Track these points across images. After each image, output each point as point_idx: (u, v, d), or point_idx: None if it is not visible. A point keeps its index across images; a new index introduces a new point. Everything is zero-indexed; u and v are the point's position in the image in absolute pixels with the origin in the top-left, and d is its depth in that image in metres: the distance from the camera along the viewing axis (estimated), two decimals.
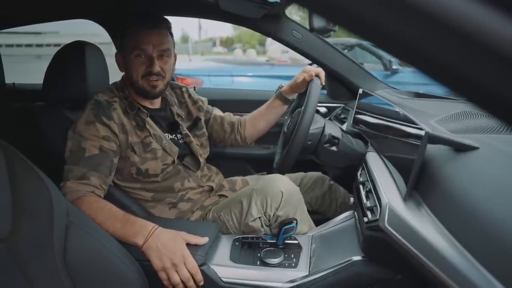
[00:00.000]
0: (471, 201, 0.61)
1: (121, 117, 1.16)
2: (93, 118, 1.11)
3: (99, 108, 1.13)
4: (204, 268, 0.96)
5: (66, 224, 0.82)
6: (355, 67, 1.61)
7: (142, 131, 1.19)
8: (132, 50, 1.15)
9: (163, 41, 1.16)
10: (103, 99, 1.16)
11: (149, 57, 1.15)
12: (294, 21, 1.49)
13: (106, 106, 1.15)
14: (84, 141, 1.09)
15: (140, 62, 1.16)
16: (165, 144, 1.22)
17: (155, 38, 1.14)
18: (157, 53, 1.15)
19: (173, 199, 1.23)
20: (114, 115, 1.14)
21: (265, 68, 4.56)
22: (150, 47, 1.14)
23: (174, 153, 1.23)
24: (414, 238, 0.67)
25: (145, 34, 1.14)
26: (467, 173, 0.68)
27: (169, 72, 1.21)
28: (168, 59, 1.19)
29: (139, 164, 1.17)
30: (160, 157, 1.20)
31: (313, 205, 1.46)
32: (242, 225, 1.15)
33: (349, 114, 1.56)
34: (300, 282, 0.94)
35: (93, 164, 1.07)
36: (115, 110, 1.15)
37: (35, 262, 0.77)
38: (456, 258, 0.57)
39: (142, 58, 1.15)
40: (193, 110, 1.39)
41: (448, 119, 1.02)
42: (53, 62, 1.24)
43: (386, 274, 0.88)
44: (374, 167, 1.01)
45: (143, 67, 1.16)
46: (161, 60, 1.17)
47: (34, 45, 18.95)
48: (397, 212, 0.75)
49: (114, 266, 0.88)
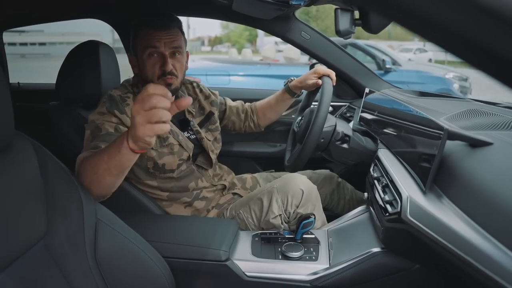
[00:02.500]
0: (493, 190, 0.65)
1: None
2: (106, 110, 1.11)
3: (112, 102, 1.13)
4: (228, 263, 1.00)
5: (95, 222, 0.85)
6: (360, 67, 1.66)
7: None
8: (144, 50, 1.15)
9: (175, 39, 1.16)
10: (117, 94, 1.17)
11: (161, 55, 1.15)
12: (303, 22, 1.52)
13: (119, 100, 1.15)
14: (100, 123, 1.07)
15: (153, 61, 1.16)
16: (181, 140, 1.24)
17: (166, 37, 1.15)
18: (169, 50, 1.16)
19: (188, 198, 1.26)
20: (127, 109, 1.14)
21: (261, 68, 4.59)
22: (162, 45, 1.14)
23: (190, 149, 1.25)
24: (439, 227, 0.72)
25: (156, 33, 1.14)
26: (486, 166, 0.73)
27: (182, 70, 1.22)
28: (180, 57, 1.20)
29: (156, 158, 1.18)
30: (177, 152, 1.21)
31: (322, 202, 1.50)
32: (262, 222, 1.19)
33: (355, 113, 1.60)
34: (322, 274, 0.98)
35: (107, 139, 1.01)
36: (128, 105, 1.15)
37: (70, 260, 0.79)
38: (483, 243, 0.62)
39: (155, 57, 1.16)
40: (206, 104, 1.40)
41: (457, 117, 1.07)
42: (67, 62, 1.25)
43: (404, 264, 0.93)
44: (388, 163, 1.05)
45: (157, 66, 1.16)
46: (173, 58, 1.17)
47: (17, 43, 18.54)
48: (419, 204, 0.79)
49: (142, 262, 0.90)
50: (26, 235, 0.71)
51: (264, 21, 1.46)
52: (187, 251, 1.01)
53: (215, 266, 1.00)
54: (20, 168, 0.74)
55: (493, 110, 1.07)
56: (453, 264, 0.69)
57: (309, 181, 1.22)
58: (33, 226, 0.73)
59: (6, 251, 0.66)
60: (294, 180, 1.20)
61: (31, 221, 0.73)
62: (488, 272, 0.59)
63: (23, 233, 0.71)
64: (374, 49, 5.07)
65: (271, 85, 4.05)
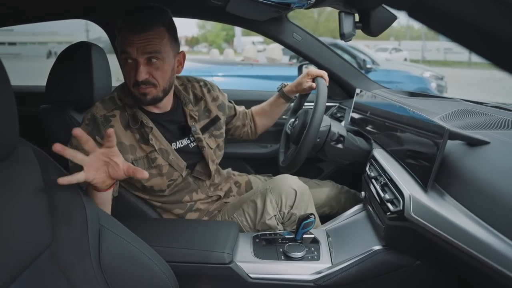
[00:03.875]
0: (496, 187, 0.68)
1: (120, 134, 1.07)
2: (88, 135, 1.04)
3: (94, 126, 1.05)
4: (232, 266, 0.99)
5: (98, 229, 0.83)
6: (349, 67, 1.69)
7: (147, 145, 1.10)
8: (121, 55, 1.04)
9: (150, 43, 1.00)
10: (101, 114, 1.07)
11: (136, 61, 1.02)
12: (295, 24, 1.54)
13: (101, 123, 1.06)
14: (80, 147, 0.97)
15: (129, 68, 1.04)
16: (172, 160, 1.13)
17: (139, 41, 1.00)
18: (143, 57, 1.01)
19: (181, 210, 1.22)
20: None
21: (244, 68, 4.59)
22: (134, 50, 1.00)
23: (182, 168, 1.16)
24: (444, 223, 0.74)
25: (130, 36, 1.00)
26: (487, 164, 0.76)
27: (164, 77, 1.06)
28: (159, 63, 1.03)
29: (143, 181, 1.11)
30: (166, 173, 1.13)
31: (327, 209, 1.50)
32: (258, 224, 1.19)
33: (346, 113, 1.63)
34: (326, 273, 0.99)
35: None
36: (112, 127, 1.06)
37: (76, 268, 0.77)
38: (488, 237, 0.64)
39: (130, 64, 1.03)
40: (213, 107, 1.27)
41: (449, 117, 1.11)
42: (58, 64, 1.21)
43: (406, 261, 0.96)
44: (385, 162, 1.08)
45: (131, 74, 1.03)
46: (150, 65, 1.03)
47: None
48: (422, 202, 0.81)
49: (147, 267, 0.89)
50: (33, 244, 0.69)
51: (257, 22, 1.46)
52: (190, 255, 1.00)
53: (219, 269, 0.99)
54: (24, 174, 0.72)
55: (483, 110, 1.11)
56: (459, 259, 0.72)
57: (301, 182, 1.22)
58: (39, 235, 0.71)
59: (15, 261, 0.64)
60: (286, 181, 1.20)
61: (37, 229, 0.71)
62: (496, 265, 0.62)
63: (30, 242, 0.68)
64: (354, 49, 5.17)
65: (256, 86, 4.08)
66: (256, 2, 1.00)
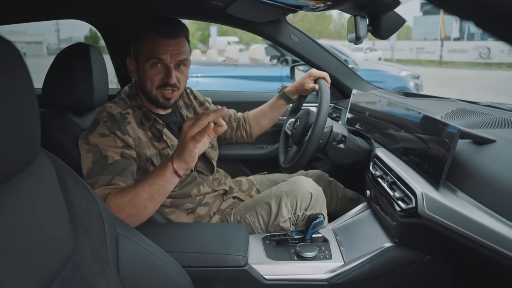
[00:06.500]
0: (510, 183, 0.72)
1: (136, 130, 1.13)
2: (107, 131, 1.06)
3: (113, 122, 1.08)
4: (247, 268, 0.99)
5: (115, 236, 0.81)
6: (344, 68, 1.72)
7: (159, 142, 1.16)
8: (148, 59, 1.10)
9: (182, 51, 1.11)
10: (117, 111, 1.11)
11: (166, 66, 1.11)
12: (293, 26, 1.55)
13: (119, 119, 1.10)
14: (104, 150, 1.05)
15: (156, 72, 1.11)
16: None
17: (173, 47, 1.09)
18: (175, 63, 1.11)
19: (191, 204, 1.24)
20: (129, 129, 1.10)
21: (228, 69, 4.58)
22: (168, 56, 1.09)
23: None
24: (459, 219, 0.77)
25: (163, 43, 1.08)
26: (498, 161, 0.80)
27: (184, 82, 1.18)
28: (185, 69, 1.15)
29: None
30: None
31: None
32: (270, 226, 1.20)
33: (342, 113, 1.66)
34: (339, 272, 1.01)
35: (118, 169, 1.03)
36: (129, 124, 1.11)
37: (98, 278, 0.75)
38: (506, 230, 0.68)
39: (158, 68, 1.11)
40: (200, 111, 1.38)
41: (449, 116, 1.15)
42: (55, 66, 1.16)
43: (416, 256, 0.99)
44: (390, 161, 1.11)
45: (159, 77, 1.11)
46: (178, 70, 1.13)
47: None
48: (435, 199, 0.84)
49: (164, 273, 0.88)
50: (58, 255, 0.67)
51: (256, 24, 1.46)
52: (205, 259, 0.99)
53: (234, 272, 0.99)
54: (43, 183, 0.69)
55: (479, 109, 1.16)
56: (477, 252, 0.75)
57: (316, 184, 1.24)
58: (62, 245, 0.69)
59: (43, 274, 0.62)
60: (302, 184, 1.21)
61: (60, 240, 0.68)
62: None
63: (55, 253, 0.66)
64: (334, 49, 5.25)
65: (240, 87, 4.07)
66: (266, 4, 1.00)
